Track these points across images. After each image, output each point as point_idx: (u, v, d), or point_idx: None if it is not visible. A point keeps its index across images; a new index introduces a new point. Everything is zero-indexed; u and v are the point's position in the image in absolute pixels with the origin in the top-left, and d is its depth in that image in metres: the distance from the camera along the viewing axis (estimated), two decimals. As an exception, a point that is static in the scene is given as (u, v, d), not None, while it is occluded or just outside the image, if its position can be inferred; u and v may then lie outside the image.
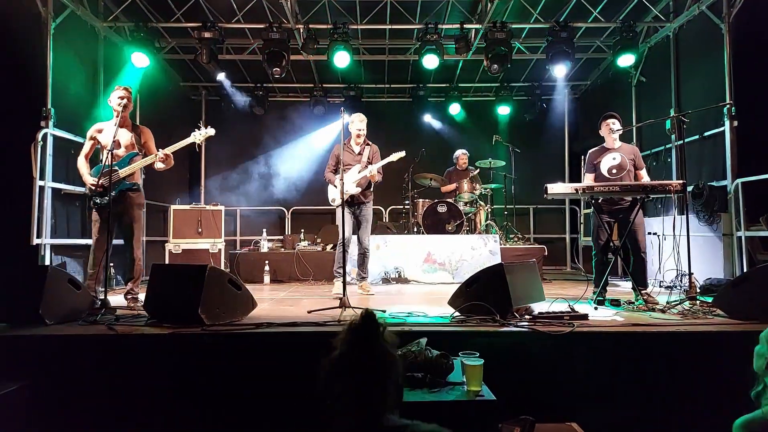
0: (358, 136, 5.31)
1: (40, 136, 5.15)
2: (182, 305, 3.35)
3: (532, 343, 3.18)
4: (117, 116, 4.22)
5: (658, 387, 3.11)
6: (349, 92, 9.28)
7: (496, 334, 3.22)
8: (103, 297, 3.82)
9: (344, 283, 4.11)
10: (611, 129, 4.69)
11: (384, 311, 3.87)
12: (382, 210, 9.43)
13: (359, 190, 5.20)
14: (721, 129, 5.76)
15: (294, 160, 9.75)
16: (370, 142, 5.41)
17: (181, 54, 8.06)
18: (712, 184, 5.85)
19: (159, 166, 4.35)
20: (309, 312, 3.90)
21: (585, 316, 3.53)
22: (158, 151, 4.31)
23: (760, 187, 5.25)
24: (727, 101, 5.52)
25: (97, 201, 4.24)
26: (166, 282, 3.55)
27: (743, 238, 5.34)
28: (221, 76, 7.72)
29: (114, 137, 4.05)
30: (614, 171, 4.60)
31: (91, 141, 4.38)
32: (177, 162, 4.57)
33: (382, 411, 1.34)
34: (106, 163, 4.16)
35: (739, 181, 5.43)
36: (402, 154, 5.34)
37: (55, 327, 3.32)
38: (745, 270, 5.28)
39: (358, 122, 5.26)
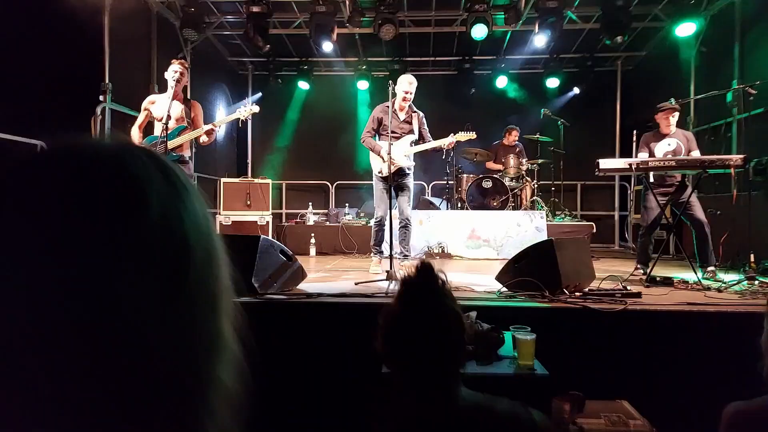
0: (405, 99, 4.85)
1: (99, 110, 5.39)
2: (236, 275, 3.47)
3: (582, 320, 3.16)
4: (171, 89, 4.35)
5: (710, 368, 3.03)
6: (394, 65, 9.20)
7: (545, 310, 3.20)
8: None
9: (391, 256, 4.15)
10: (669, 123, 4.63)
11: (430, 285, 3.90)
12: (425, 185, 9.40)
13: (411, 163, 4.93)
14: (791, 101, 5.40)
15: (338, 134, 9.81)
16: (416, 109, 4.99)
17: (229, 29, 8.17)
18: (777, 160, 5.52)
19: (203, 139, 4.49)
20: (356, 284, 3.98)
21: (638, 294, 3.46)
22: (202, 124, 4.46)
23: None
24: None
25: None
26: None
27: (809, 217, 5.05)
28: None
29: (168, 110, 4.20)
30: (669, 157, 4.47)
31: (144, 112, 4.56)
32: (225, 137, 4.69)
33: (452, 381, 1.19)
34: (157, 135, 4.34)
35: (808, 157, 5.11)
36: (473, 135, 5.02)
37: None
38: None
39: (407, 83, 4.80)
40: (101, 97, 5.45)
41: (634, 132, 7.71)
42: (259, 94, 9.92)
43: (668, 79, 8.18)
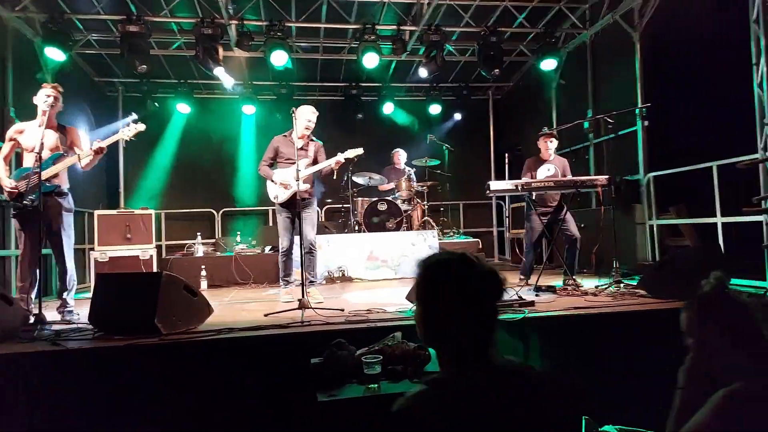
0: (307, 128, 4.86)
1: (-57, 136, 4.61)
2: (135, 315, 3.17)
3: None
4: (44, 115, 3.90)
5: (600, 363, 3.41)
6: (281, 90, 9.14)
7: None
8: (37, 311, 3.52)
9: (303, 284, 4.07)
10: (548, 147, 5.17)
11: (342, 309, 3.89)
12: (318, 210, 9.36)
13: (307, 186, 4.82)
14: (634, 128, 6.36)
15: (222, 160, 9.45)
16: (314, 138, 5.03)
17: (97, 48, 7.52)
18: (626, 177, 6.44)
19: (84, 162, 4.08)
20: (266, 315, 3.83)
21: (532, 303, 3.80)
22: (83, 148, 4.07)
23: (668, 181, 5.89)
24: (641, 104, 6.10)
25: (19, 206, 3.92)
26: (114, 291, 3.35)
27: (655, 226, 5.95)
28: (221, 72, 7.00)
29: (42, 139, 3.74)
30: (549, 178, 5.03)
31: (11, 142, 4.04)
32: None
33: (491, 344, 1.26)
34: (29, 166, 3.87)
35: (650, 174, 6.04)
36: (360, 151, 5.05)
37: (-8, 346, 3.01)
38: (656, 254, 5.91)
39: (310, 113, 4.84)
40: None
41: (506, 155, 8.48)
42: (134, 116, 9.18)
43: (533, 108, 9.18)
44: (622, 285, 4.47)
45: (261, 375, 3.04)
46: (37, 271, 3.92)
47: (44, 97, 3.92)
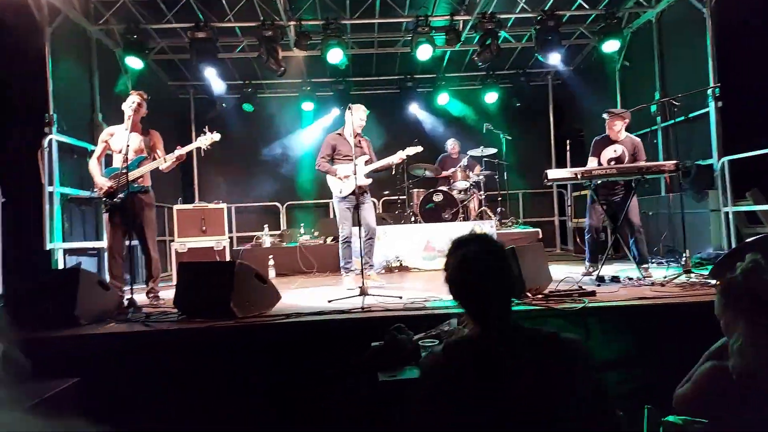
0: (360, 126, 5.19)
1: (45, 142, 5.17)
2: (214, 300, 3.47)
3: (546, 320, 3.40)
4: (129, 120, 4.29)
5: (666, 355, 3.35)
6: (338, 86, 9.38)
7: (513, 312, 3.41)
8: (129, 296, 3.91)
9: (362, 271, 4.26)
10: (613, 127, 4.95)
11: (400, 297, 4.03)
12: (376, 201, 9.56)
13: (369, 181, 5.22)
14: (706, 110, 6.04)
15: (285, 155, 9.85)
16: (363, 135, 5.35)
17: (169, 54, 8.05)
18: (698, 162, 6.14)
19: (164, 166, 4.46)
20: (329, 301, 4.04)
21: (593, 293, 3.77)
22: (166, 154, 4.45)
23: (744, 164, 5.55)
24: (712, 84, 5.78)
25: (109, 203, 4.35)
26: (195, 279, 3.67)
27: (730, 213, 5.65)
28: (212, 74, 7.60)
29: (128, 142, 4.14)
30: (612, 163, 4.87)
31: (102, 144, 4.47)
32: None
33: (506, 311, 1.47)
34: (118, 167, 4.28)
35: (725, 159, 5.72)
36: (419, 148, 5.34)
37: (93, 326, 3.41)
38: (732, 243, 5.61)
39: (362, 113, 5.16)
40: (46, 129, 5.23)
41: (567, 141, 8.27)
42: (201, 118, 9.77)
43: (595, 92, 8.88)
44: (692, 275, 4.32)
45: (325, 356, 3.25)
46: (126, 260, 4.35)
47: (130, 103, 4.32)
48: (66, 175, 5.63)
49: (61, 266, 5.31)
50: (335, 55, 6.76)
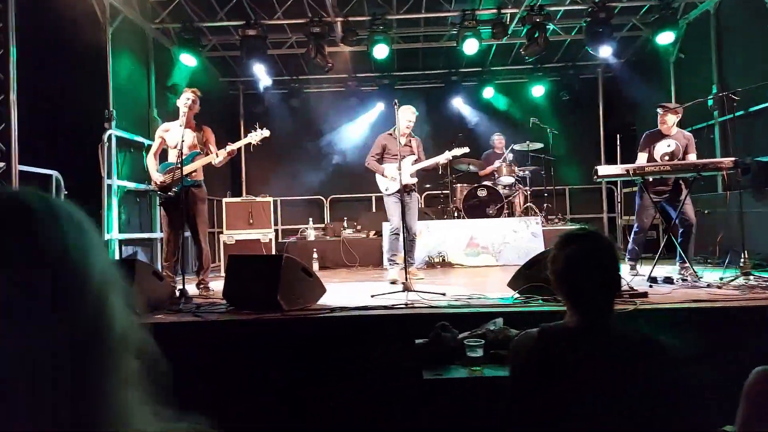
0: (408, 127, 5.37)
1: (105, 137, 5.45)
2: (261, 293, 3.58)
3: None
4: (184, 116, 4.46)
5: (723, 361, 3.22)
6: (383, 81, 9.40)
7: (561, 313, 3.35)
8: (181, 287, 4.09)
9: (406, 267, 4.30)
10: (665, 121, 4.79)
11: (444, 293, 4.04)
12: (419, 196, 9.56)
13: (415, 180, 5.39)
14: (767, 104, 5.72)
15: (329, 150, 9.96)
16: (413, 134, 5.53)
17: (221, 51, 8.29)
18: (759, 159, 5.82)
19: (218, 160, 4.62)
20: (372, 296, 4.09)
21: (645, 294, 3.65)
22: (218, 150, 4.61)
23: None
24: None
25: (164, 196, 4.54)
26: (244, 272, 3.79)
27: (793, 212, 5.34)
28: (260, 70, 7.77)
29: (183, 137, 4.31)
30: (666, 158, 4.70)
31: (159, 139, 4.67)
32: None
33: (609, 310, 1.53)
34: (173, 161, 4.46)
35: (788, 155, 5.41)
36: (466, 149, 5.49)
37: (149, 315, 3.59)
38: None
39: (410, 114, 5.32)
40: (106, 124, 5.51)
41: (618, 136, 8.00)
42: (249, 113, 10.02)
43: (648, 85, 8.54)
44: (751, 277, 4.12)
45: (367, 351, 3.30)
46: (179, 251, 4.54)
47: (185, 100, 4.49)
48: (123, 168, 5.93)
49: (117, 256, 5.60)
50: (381, 51, 6.78)
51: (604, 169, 4.43)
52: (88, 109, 5.42)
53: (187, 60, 6.70)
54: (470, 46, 6.78)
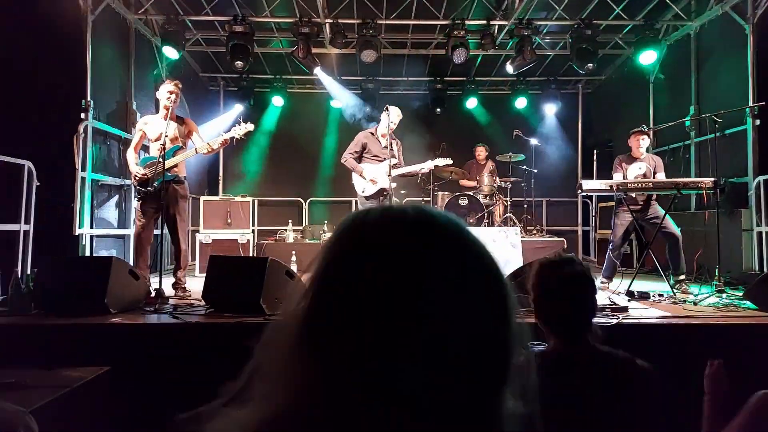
0: (390, 129, 5.20)
1: (81, 128, 5.25)
2: (243, 295, 3.48)
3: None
4: (167, 110, 4.33)
5: (696, 378, 3.28)
6: (367, 85, 9.37)
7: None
8: (157, 287, 3.95)
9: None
10: (640, 145, 5.02)
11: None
12: (399, 202, 9.54)
13: (394, 185, 5.25)
14: (743, 127, 5.91)
15: (311, 151, 9.86)
16: (395, 137, 5.38)
17: (204, 46, 8.12)
18: (732, 180, 6.01)
19: (206, 150, 4.50)
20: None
21: (626, 309, 3.70)
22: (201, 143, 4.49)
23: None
24: (752, 102, 5.65)
25: (143, 191, 4.39)
26: (225, 273, 3.68)
27: (764, 233, 5.52)
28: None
29: (165, 131, 4.18)
30: (648, 179, 4.85)
31: (139, 132, 4.53)
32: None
33: (585, 330, 1.57)
34: (153, 155, 4.32)
35: (761, 178, 5.59)
36: (449, 161, 5.52)
37: (125, 316, 3.45)
38: (764, 264, 5.48)
39: (395, 115, 5.19)
40: (83, 115, 5.31)
41: (595, 151, 8.18)
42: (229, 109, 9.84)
43: (627, 103, 8.75)
44: (724, 295, 4.23)
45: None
46: (160, 250, 4.39)
47: (166, 94, 4.35)
48: (98, 161, 5.72)
49: (88, 251, 5.39)
50: (369, 55, 6.75)
51: (588, 184, 4.50)
52: (65, 99, 5.21)
53: (170, 53, 6.53)
54: (459, 56, 6.81)
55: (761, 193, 5.58)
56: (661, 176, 5.03)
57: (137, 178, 4.37)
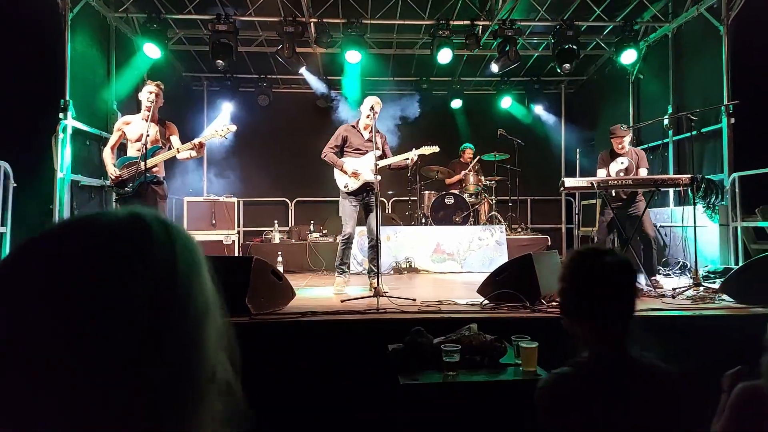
0: (368, 117, 4.81)
1: (60, 127, 5.18)
2: (228, 295, 3.40)
3: (561, 327, 3.40)
4: (148, 110, 4.30)
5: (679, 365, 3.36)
6: (353, 85, 9.36)
7: (527, 319, 3.43)
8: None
9: (378, 272, 4.26)
10: (623, 143, 5.10)
11: (414, 299, 4.04)
12: (385, 201, 9.57)
13: (378, 178, 4.74)
14: (719, 126, 6.06)
15: (297, 151, 9.81)
16: (379, 129, 4.97)
17: (187, 45, 8.06)
18: (709, 177, 6.15)
19: (184, 155, 4.45)
20: (342, 301, 4.05)
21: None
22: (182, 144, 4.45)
23: (755, 181, 5.58)
24: (727, 100, 5.79)
25: (120, 192, 4.35)
26: (209, 273, 3.66)
27: (739, 228, 5.67)
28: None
29: (146, 132, 4.15)
30: (621, 174, 4.95)
31: (118, 132, 4.48)
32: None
33: (625, 333, 1.42)
34: (132, 156, 4.28)
35: (735, 174, 5.74)
36: (435, 149, 5.20)
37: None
38: (739, 258, 5.63)
39: (375, 105, 4.79)
40: (61, 115, 5.23)
41: (577, 150, 8.30)
42: (213, 109, 9.77)
43: (608, 102, 8.90)
44: (701, 288, 4.34)
45: (340, 357, 3.25)
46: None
47: (147, 94, 4.31)
48: (78, 161, 5.64)
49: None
50: (354, 55, 6.76)
51: (570, 181, 4.56)
52: (43, 99, 5.13)
53: (151, 51, 6.46)
54: (444, 56, 6.87)
55: (736, 189, 5.72)
56: (643, 170, 5.12)
57: (113, 179, 4.32)
